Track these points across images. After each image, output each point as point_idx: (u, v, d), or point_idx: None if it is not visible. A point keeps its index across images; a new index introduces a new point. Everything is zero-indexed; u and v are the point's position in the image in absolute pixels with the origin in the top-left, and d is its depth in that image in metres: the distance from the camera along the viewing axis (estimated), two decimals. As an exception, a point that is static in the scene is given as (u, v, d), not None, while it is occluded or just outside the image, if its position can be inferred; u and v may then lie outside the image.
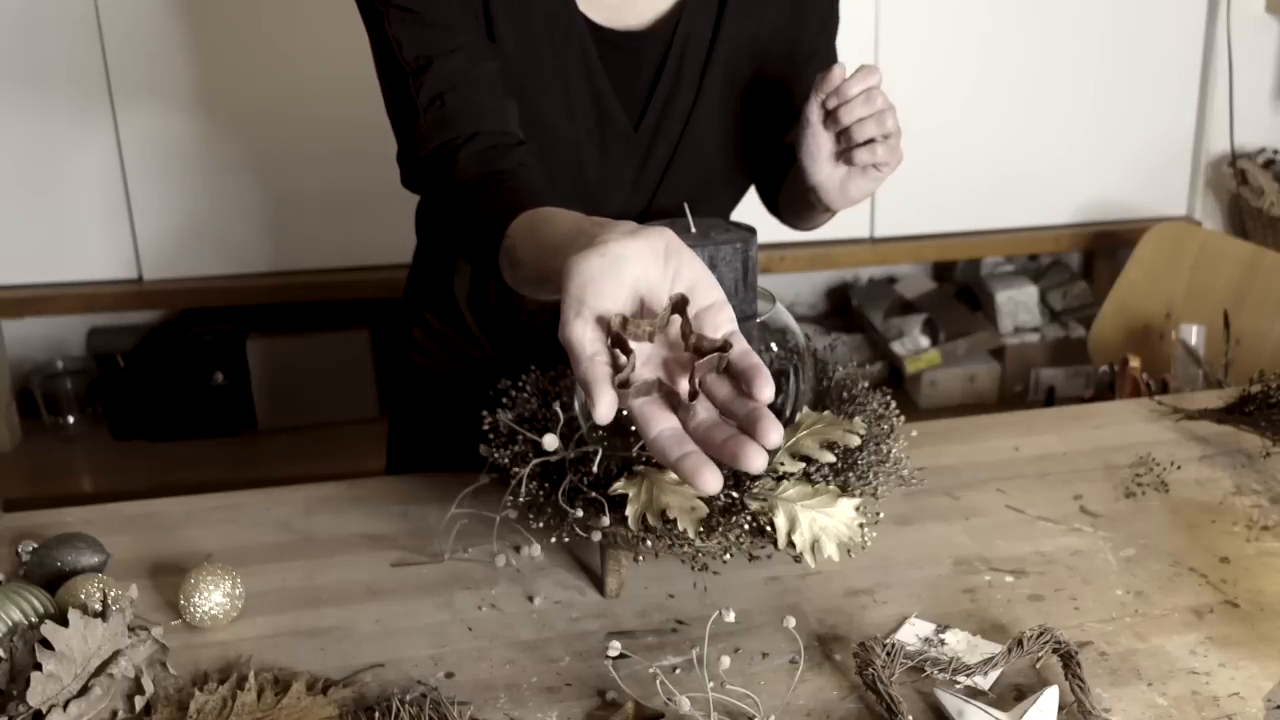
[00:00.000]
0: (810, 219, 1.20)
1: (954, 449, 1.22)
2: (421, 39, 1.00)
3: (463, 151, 0.99)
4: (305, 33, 2.11)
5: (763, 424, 0.63)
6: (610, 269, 0.67)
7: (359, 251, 2.23)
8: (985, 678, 0.86)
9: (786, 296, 2.66)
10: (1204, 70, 2.41)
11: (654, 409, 0.66)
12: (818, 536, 0.89)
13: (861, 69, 0.99)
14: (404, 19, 1.00)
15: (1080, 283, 2.61)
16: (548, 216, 0.84)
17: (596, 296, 0.66)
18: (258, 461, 2.26)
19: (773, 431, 0.63)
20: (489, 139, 0.99)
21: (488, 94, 1.01)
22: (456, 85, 1.00)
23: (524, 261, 0.84)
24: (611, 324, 0.65)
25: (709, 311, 0.68)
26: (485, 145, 0.99)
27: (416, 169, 1.03)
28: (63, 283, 2.19)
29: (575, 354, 0.65)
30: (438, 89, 1.00)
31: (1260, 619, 0.94)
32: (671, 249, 0.69)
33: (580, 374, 0.65)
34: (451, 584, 1.01)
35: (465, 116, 1.00)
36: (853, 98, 0.99)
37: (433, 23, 1.00)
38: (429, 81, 1.00)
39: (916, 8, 2.27)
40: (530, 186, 0.94)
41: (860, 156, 1.01)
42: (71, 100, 2.09)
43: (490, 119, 1.00)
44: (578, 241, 0.71)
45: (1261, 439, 1.21)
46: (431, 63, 1.00)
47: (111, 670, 0.81)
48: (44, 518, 1.11)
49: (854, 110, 0.99)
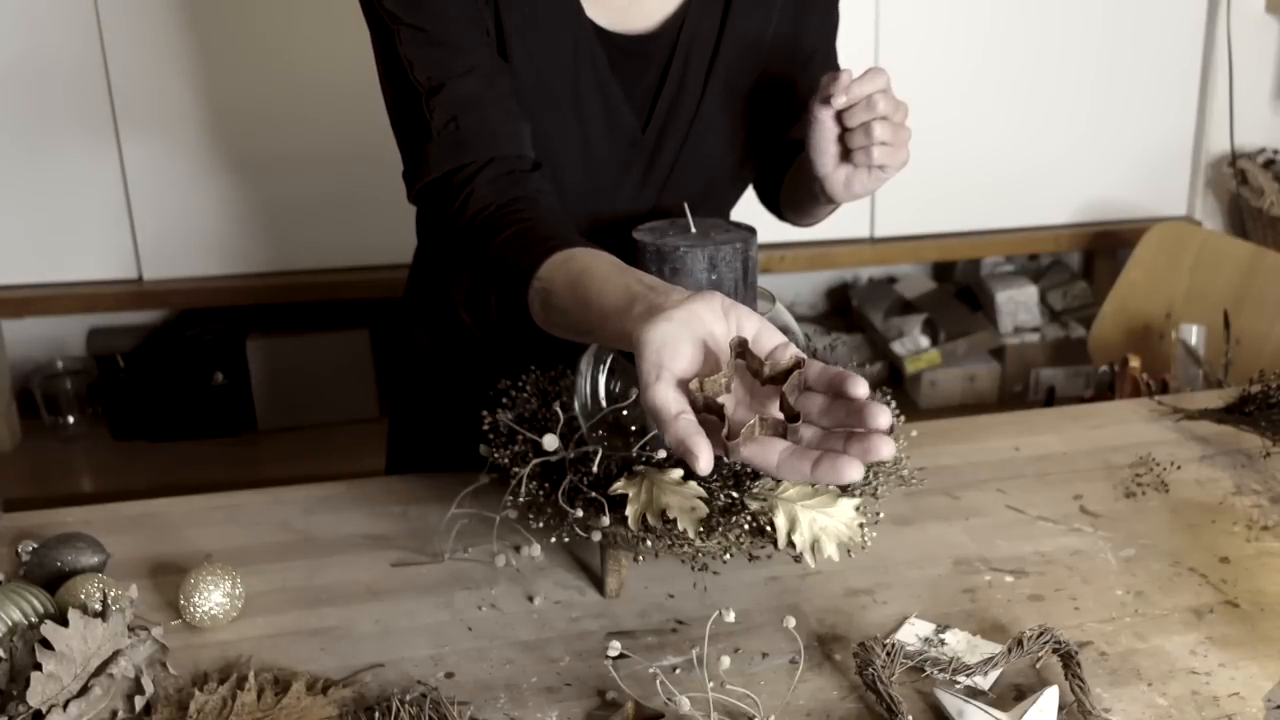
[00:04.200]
0: (812, 212, 1.20)
1: (954, 449, 1.22)
2: (434, 59, 1.00)
3: (479, 179, 0.99)
4: (305, 34, 2.11)
5: (870, 410, 0.67)
6: (682, 332, 0.71)
7: (359, 252, 2.23)
8: (985, 678, 0.86)
9: (786, 296, 2.66)
10: (1204, 70, 2.41)
11: (762, 445, 0.69)
12: (818, 536, 0.89)
13: (869, 72, 1.00)
14: (416, 38, 1.00)
15: (1080, 283, 2.61)
16: (586, 268, 0.85)
17: (672, 359, 0.70)
18: (258, 461, 2.26)
19: (881, 415, 0.67)
20: (504, 164, 1.00)
21: (502, 117, 1.01)
22: (471, 108, 0.99)
23: (565, 311, 0.86)
24: (692, 391, 0.69)
25: (776, 352, 0.73)
26: (501, 171, 0.99)
27: (426, 190, 1.02)
28: (63, 283, 2.19)
29: (663, 417, 0.69)
30: (451, 111, 0.99)
31: (1260, 619, 0.94)
32: (727, 305, 0.73)
33: (674, 434, 0.68)
34: (451, 584, 1.01)
35: (480, 141, 0.99)
36: (858, 100, 0.99)
37: (445, 42, 1.00)
38: (442, 104, 0.99)
39: (916, 8, 2.27)
40: (549, 218, 0.96)
41: (859, 158, 1.02)
42: (71, 101, 2.09)
43: (505, 143, 1.00)
44: (633, 309, 0.75)
45: (1261, 439, 1.21)
46: (444, 85, 0.99)
47: (111, 670, 0.81)
48: (44, 518, 1.11)
49: (857, 114, 1.00)
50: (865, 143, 1.00)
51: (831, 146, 1.03)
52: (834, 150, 1.03)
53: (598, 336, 0.82)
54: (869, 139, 1.00)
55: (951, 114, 2.30)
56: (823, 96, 1.00)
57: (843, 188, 1.05)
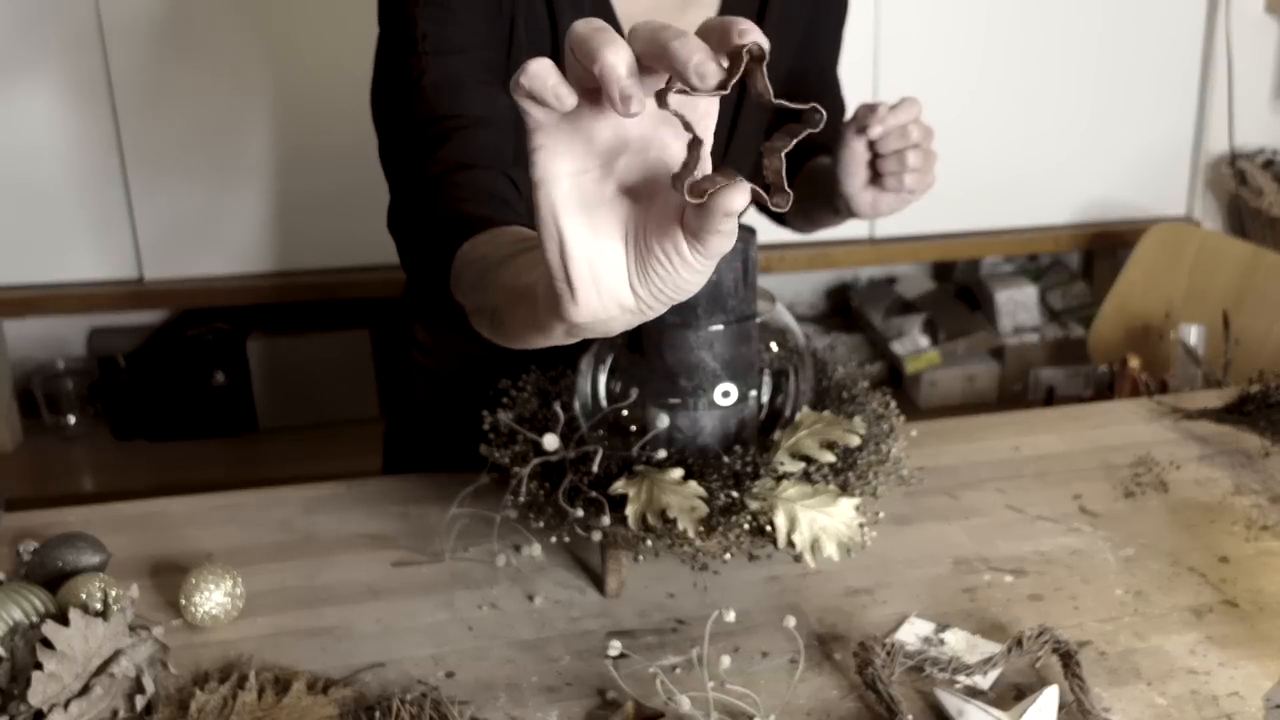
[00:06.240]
0: (822, 222, 1.22)
1: (954, 449, 1.22)
2: (444, 34, 0.99)
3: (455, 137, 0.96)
4: (306, 33, 2.11)
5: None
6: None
7: (359, 251, 2.23)
8: (985, 677, 0.86)
9: (786, 296, 2.66)
10: (1204, 70, 2.41)
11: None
12: (817, 536, 0.89)
13: (904, 101, 1.03)
14: (437, 64, 0.99)
15: (1080, 283, 2.61)
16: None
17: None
18: (258, 461, 2.26)
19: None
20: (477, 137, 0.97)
21: (505, 183, 0.96)
22: (478, 164, 0.95)
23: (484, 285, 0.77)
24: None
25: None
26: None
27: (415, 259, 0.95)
28: (63, 283, 2.19)
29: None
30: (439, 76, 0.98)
31: (1259, 618, 0.94)
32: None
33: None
34: (451, 584, 1.01)
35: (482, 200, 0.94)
36: (891, 130, 1.03)
37: (459, 24, 0.99)
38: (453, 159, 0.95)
39: (916, 8, 2.27)
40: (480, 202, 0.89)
41: (890, 183, 1.05)
42: (72, 100, 2.09)
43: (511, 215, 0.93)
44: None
45: (1261, 439, 1.21)
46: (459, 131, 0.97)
47: (112, 670, 0.81)
48: (45, 517, 1.11)
49: (891, 142, 1.03)
50: (898, 169, 1.04)
51: (861, 170, 1.06)
52: (863, 174, 1.07)
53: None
54: (902, 166, 1.03)
55: (951, 114, 2.29)
56: (858, 126, 1.03)
57: (869, 208, 1.09)
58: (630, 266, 0.54)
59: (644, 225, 0.53)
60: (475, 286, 0.75)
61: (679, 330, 0.93)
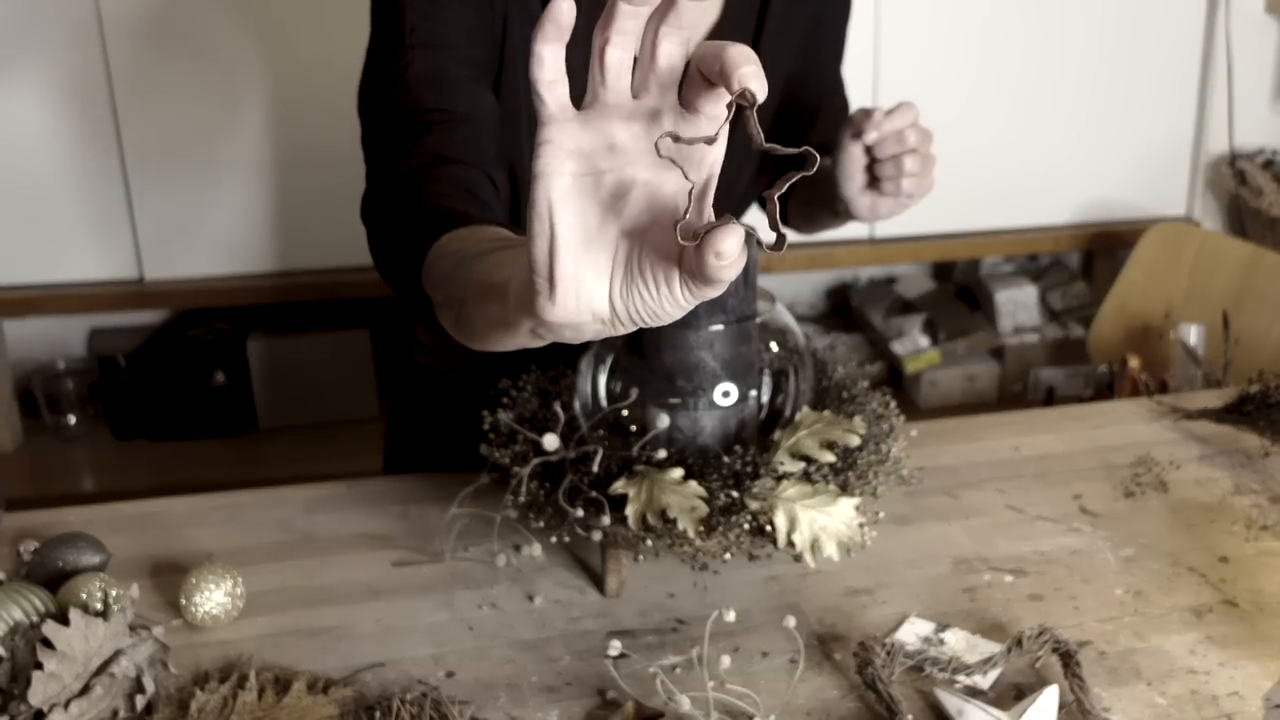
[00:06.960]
0: (822, 224, 1.23)
1: (954, 449, 1.22)
2: (433, 29, 0.99)
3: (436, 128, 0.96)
4: (307, 34, 2.11)
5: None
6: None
7: (360, 251, 2.19)
8: (985, 677, 0.86)
9: (786, 296, 2.66)
10: (1204, 70, 2.41)
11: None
12: (817, 536, 0.89)
13: (900, 106, 1.03)
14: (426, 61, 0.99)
15: (1080, 283, 2.61)
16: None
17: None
18: (258, 461, 2.26)
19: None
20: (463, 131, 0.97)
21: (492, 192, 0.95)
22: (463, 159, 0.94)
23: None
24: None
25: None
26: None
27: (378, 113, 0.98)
28: (63, 283, 2.19)
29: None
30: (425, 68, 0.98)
31: (1259, 618, 0.94)
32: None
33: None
34: (451, 584, 1.01)
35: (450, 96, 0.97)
36: (888, 135, 1.03)
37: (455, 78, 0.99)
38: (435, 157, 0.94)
39: (916, 8, 2.27)
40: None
41: (888, 188, 1.06)
42: (72, 100, 2.09)
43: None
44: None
45: (1260, 439, 1.21)
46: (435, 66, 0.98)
47: (113, 669, 0.81)
48: (45, 517, 1.11)
49: (888, 147, 1.03)
50: (895, 174, 1.04)
51: (859, 175, 1.07)
52: (861, 179, 1.07)
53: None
54: (899, 171, 1.03)
55: (951, 114, 2.30)
56: (854, 131, 1.03)
57: (868, 211, 1.09)
58: (615, 281, 0.54)
59: (639, 248, 0.53)
60: (447, 279, 0.75)
61: (679, 330, 0.93)
